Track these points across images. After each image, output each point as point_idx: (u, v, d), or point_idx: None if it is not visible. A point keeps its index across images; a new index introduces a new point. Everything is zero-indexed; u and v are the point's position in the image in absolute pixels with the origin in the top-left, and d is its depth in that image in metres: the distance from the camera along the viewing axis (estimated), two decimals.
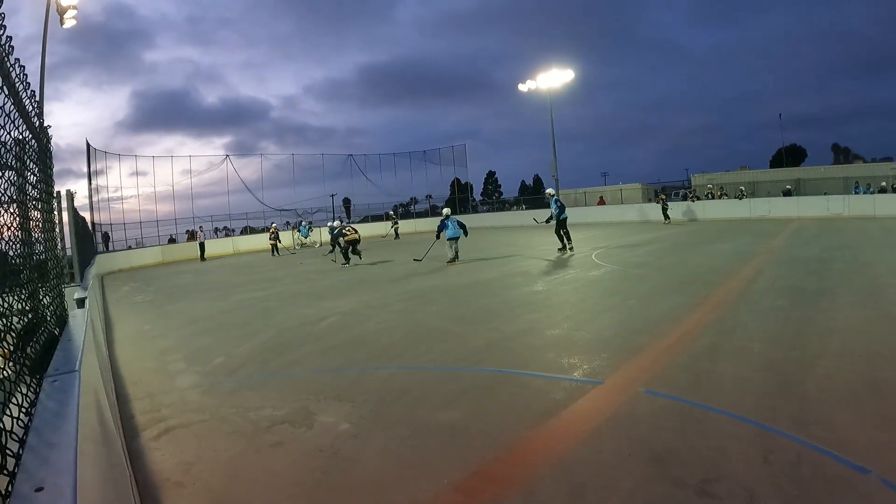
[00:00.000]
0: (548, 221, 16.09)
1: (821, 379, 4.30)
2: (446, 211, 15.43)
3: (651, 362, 5.01)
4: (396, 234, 30.36)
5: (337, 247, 17.23)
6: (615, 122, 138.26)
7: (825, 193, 26.90)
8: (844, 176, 32.42)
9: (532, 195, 55.01)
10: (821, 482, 2.81)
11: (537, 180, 72.16)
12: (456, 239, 14.33)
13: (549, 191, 17.90)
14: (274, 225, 26.99)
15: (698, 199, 29.88)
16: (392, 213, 35.95)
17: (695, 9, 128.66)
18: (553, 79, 36.08)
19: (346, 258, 16.41)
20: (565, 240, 15.26)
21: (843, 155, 63.41)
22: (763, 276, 9.37)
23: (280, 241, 25.22)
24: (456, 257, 14.26)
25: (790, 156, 56.97)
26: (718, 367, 4.70)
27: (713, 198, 29.70)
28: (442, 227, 14.45)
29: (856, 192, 26.08)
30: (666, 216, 26.72)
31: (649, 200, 37.96)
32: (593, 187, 44.58)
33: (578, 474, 3.08)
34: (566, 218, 15.43)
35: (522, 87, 38.39)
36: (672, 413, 3.82)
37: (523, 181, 76.98)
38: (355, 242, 16.21)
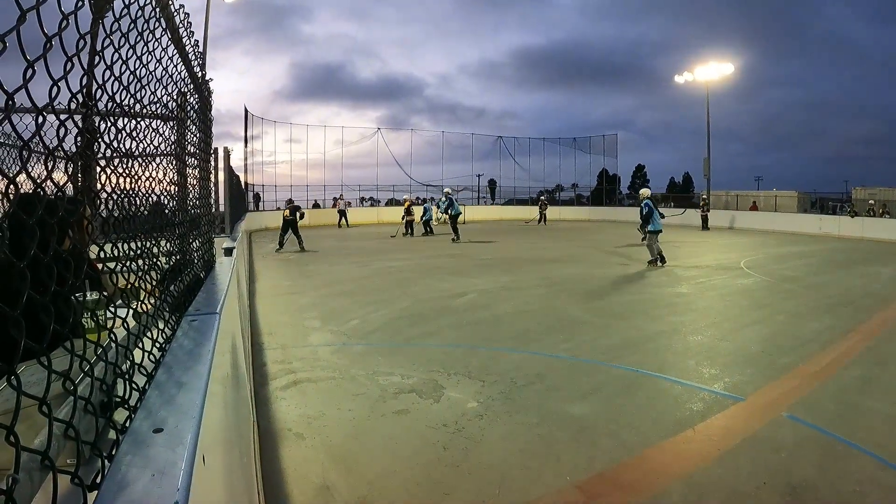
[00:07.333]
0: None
1: None
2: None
3: (796, 386, 4.56)
4: (543, 218, 29.40)
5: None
6: (773, 124, 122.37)
7: None
8: None
9: (681, 193, 51.31)
10: None
11: (687, 178, 67.03)
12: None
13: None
14: (406, 199, 23.40)
15: (857, 214, 25.60)
16: (542, 198, 34.77)
17: (877, 5, 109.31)
18: (711, 72, 33.20)
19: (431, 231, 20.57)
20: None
21: None
22: None
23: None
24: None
25: None
26: (869, 402, 4.22)
27: (874, 215, 25.41)
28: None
29: None
30: None
31: (804, 211, 33.45)
32: (745, 191, 40.53)
33: (709, 495, 2.85)
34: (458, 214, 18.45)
35: (679, 79, 35.76)
36: (814, 444, 3.48)
37: (672, 178, 71.45)
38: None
